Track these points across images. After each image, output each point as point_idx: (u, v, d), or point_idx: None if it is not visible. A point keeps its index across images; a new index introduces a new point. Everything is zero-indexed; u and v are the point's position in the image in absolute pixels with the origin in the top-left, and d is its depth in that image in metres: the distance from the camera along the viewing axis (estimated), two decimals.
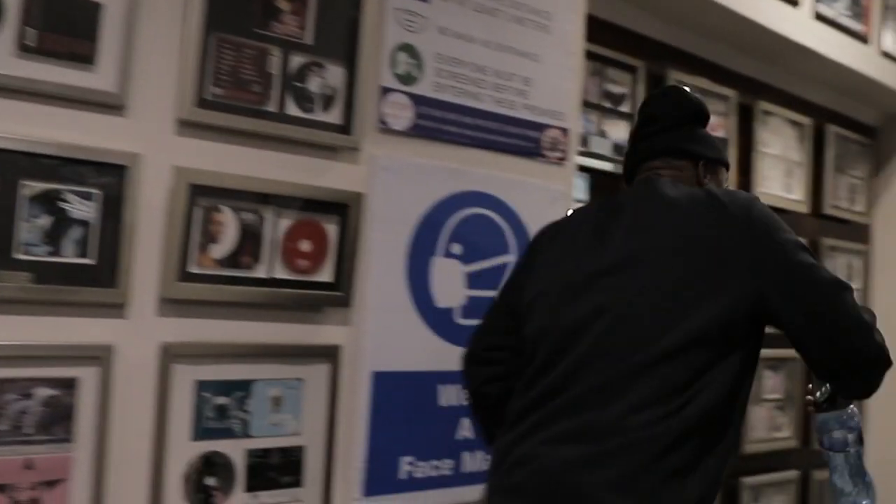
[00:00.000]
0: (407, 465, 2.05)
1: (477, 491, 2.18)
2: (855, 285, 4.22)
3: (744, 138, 3.59)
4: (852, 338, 1.43)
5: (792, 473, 3.79)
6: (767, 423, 3.70)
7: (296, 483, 1.88)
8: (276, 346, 1.86)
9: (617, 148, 3.02)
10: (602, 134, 2.98)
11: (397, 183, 2.04)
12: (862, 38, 3.75)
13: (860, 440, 1.60)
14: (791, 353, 1.53)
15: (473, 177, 2.21)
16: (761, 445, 3.62)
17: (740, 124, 3.55)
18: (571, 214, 1.78)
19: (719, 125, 3.45)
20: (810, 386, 1.62)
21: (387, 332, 2.03)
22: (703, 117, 1.72)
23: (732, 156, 3.49)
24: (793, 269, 1.43)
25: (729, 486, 3.49)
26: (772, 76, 3.70)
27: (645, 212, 1.54)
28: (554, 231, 1.73)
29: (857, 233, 4.31)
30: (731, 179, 3.49)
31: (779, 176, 3.78)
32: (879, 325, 1.51)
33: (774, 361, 3.72)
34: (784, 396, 3.77)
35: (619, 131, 3.04)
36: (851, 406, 1.60)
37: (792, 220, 3.88)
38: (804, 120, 3.89)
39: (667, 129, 1.67)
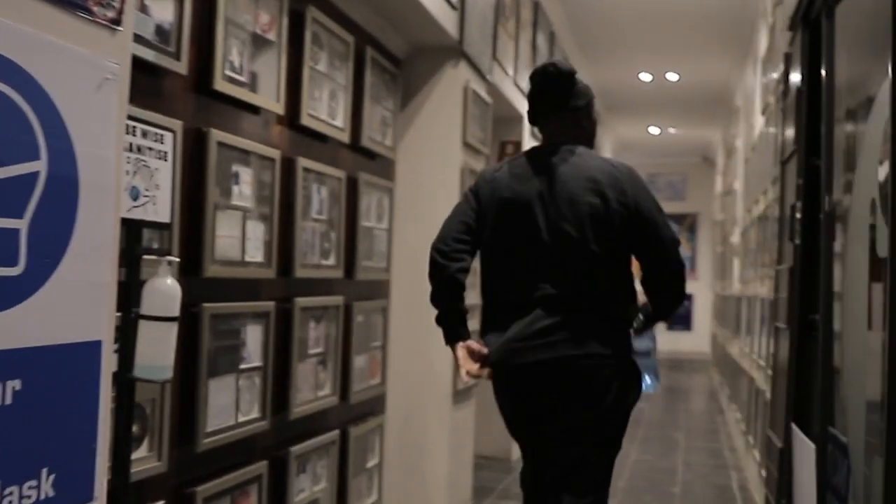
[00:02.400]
0: None
1: None
2: (382, 225, 3.95)
3: (294, 49, 3.02)
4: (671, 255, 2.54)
5: (333, 434, 3.39)
6: (312, 381, 3.23)
7: None
8: None
9: (161, 32, 2.24)
10: (143, 10, 2.17)
11: None
12: None
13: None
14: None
15: None
16: (306, 408, 3.15)
17: (291, 31, 2.97)
18: (510, 167, 2.56)
19: (270, 27, 2.83)
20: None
21: None
22: (572, 77, 2.55)
23: (283, 66, 2.90)
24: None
25: (277, 460, 2.95)
26: None
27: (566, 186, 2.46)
28: (499, 186, 2.50)
29: (386, 168, 4.05)
30: (280, 97, 2.91)
31: (325, 97, 3.29)
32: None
33: (318, 310, 3.26)
34: (325, 350, 3.34)
35: (165, 11, 2.25)
36: (652, 330, 2.87)
37: (333, 151, 3.47)
38: (348, 38, 3.45)
39: (552, 93, 2.54)
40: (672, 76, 9.17)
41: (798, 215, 3.57)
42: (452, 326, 2.47)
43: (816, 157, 3.43)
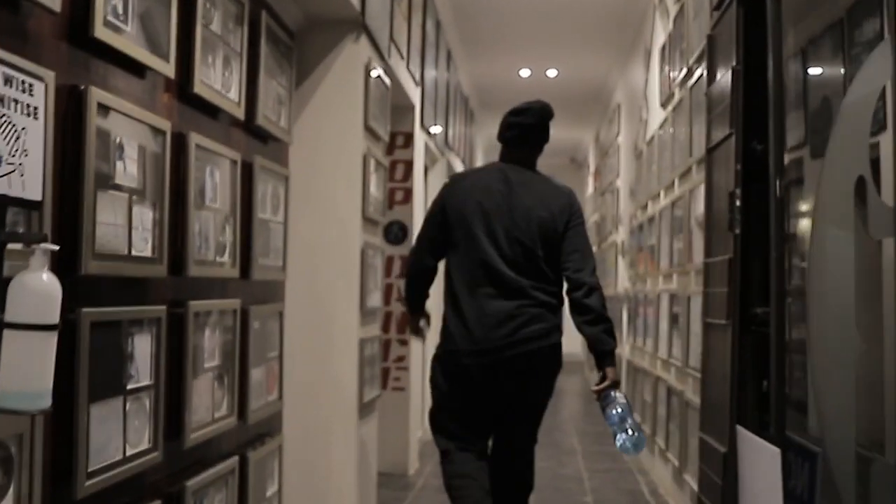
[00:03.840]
0: None
1: None
2: (278, 217, 3.48)
3: (185, 4, 2.51)
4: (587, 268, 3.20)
5: (232, 461, 2.88)
6: (208, 400, 2.72)
7: None
8: None
9: None
10: None
11: None
12: None
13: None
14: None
15: None
16: (203, 432, 2.64)
17: None
18: (476, 176, 3.41)
19: None
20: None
21: None
22: (549, 118, 3.31)
23: (174, 19, 2.39)
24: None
25: (172, 497, 2.43)
26: None
27: (525, 196, 3.20)
28: (467, 189, 3.24)
29: (280, 153, 3.56)
30: (170, 57, 2.40)
31: (219, 65, 2.79)
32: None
33: (214, 316, 2.75)
34: (221, 363, 2.83)
35: None
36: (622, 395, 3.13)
37: (225, 128, 2.95)
38: None
39: (543, 130, 3.32)
40: (551, 72, 9.00)
41: (738, 203, 3.32)
42: (417, 304, 3.44)
43: (757, 141, 3.19)
